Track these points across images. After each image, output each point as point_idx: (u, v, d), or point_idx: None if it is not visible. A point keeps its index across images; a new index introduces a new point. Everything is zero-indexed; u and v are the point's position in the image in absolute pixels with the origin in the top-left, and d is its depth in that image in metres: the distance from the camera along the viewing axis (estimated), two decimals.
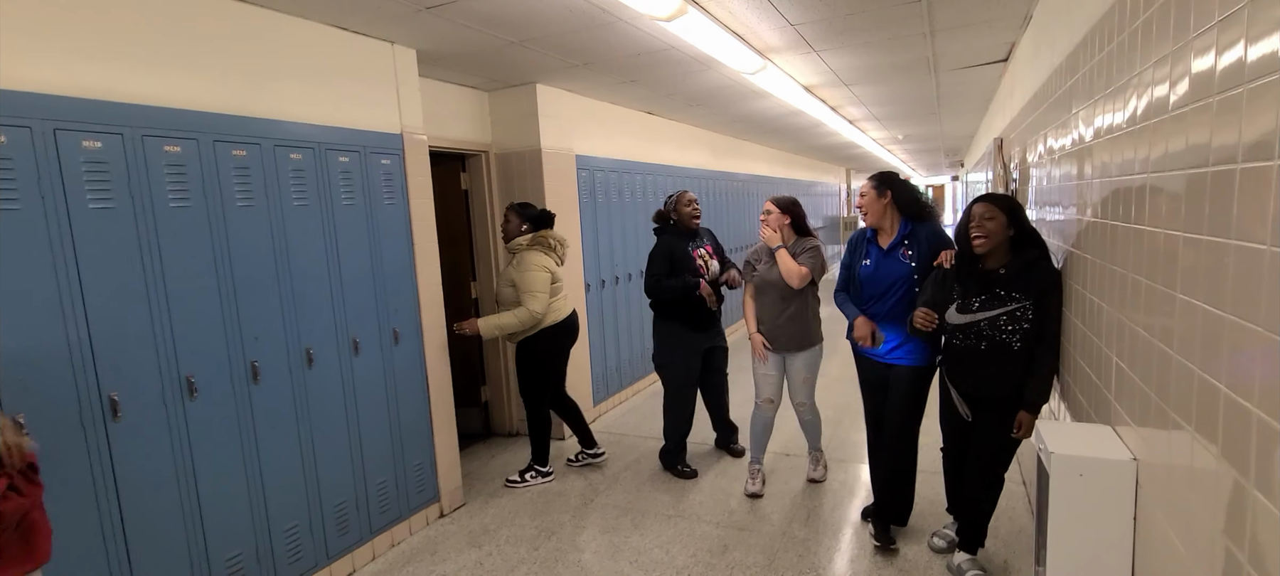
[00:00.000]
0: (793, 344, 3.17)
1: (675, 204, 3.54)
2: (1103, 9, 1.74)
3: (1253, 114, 0.92)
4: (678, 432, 3.64)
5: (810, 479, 3.46)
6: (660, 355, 3.64)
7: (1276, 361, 0.84)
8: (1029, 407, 2.14)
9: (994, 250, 2.16)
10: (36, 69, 1.85)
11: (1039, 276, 2.14)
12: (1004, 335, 2.16)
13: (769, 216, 3.17)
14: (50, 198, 1.87)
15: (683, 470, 3.64)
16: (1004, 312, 2.16)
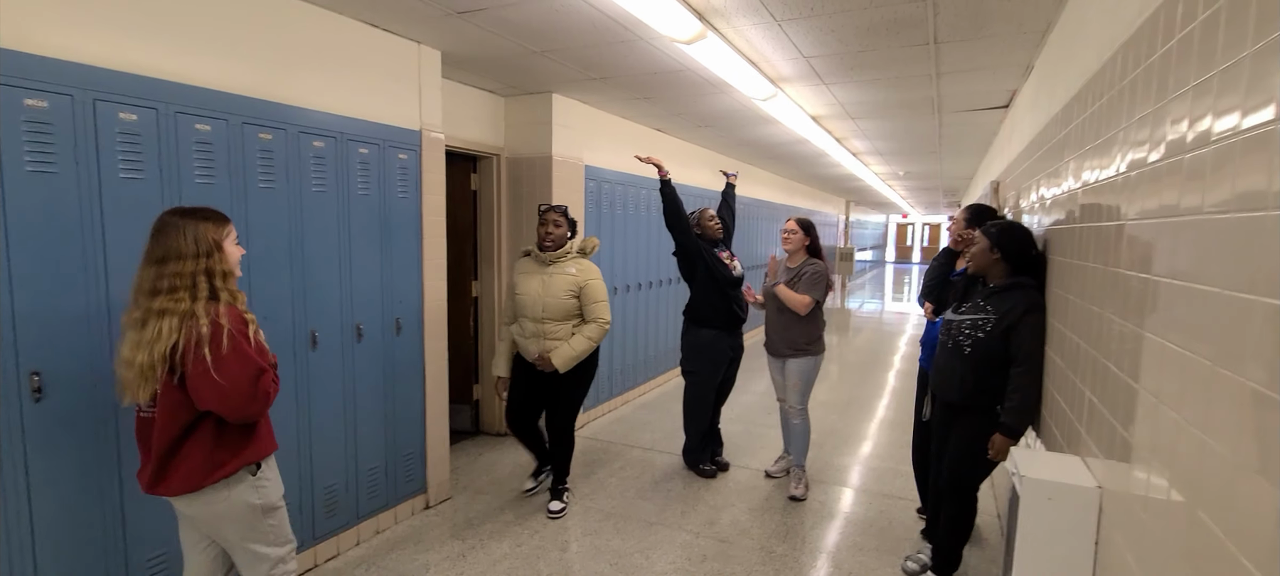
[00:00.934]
0: (789, 350, 3.48)
1: (699, 219, 3.72)
2: (1096, 65, 1.85)
3: (1217, 177, 1.02)
4: (699, 431, 3.84)
5: (791, 496, 3.54)
6: (690, 362, 3.78)
7: (1232, 397, 0.93)
8: (1003, 430, 2.20)
9: (989, 268, 2.31)
10: (82, 40, 1.94)
11: (1016, 296, 2.24)
12: (963, 336, 2.32)
13: (793, 235, 3.49)
14: (84, 164, 1.94)
15: (704, 469, 3.84)
16: (970, 318, 2.32)
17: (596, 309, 3.08)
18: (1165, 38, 1.28)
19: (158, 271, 1.62)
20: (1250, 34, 0.93)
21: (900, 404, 5.54)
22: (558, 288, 3.05)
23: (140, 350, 1.57)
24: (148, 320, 1.58)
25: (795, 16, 2.63)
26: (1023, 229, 2.33)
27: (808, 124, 4.85)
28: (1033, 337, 2.18)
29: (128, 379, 1.60)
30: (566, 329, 3.07)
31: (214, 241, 1.67)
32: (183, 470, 1.64)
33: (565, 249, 3.11)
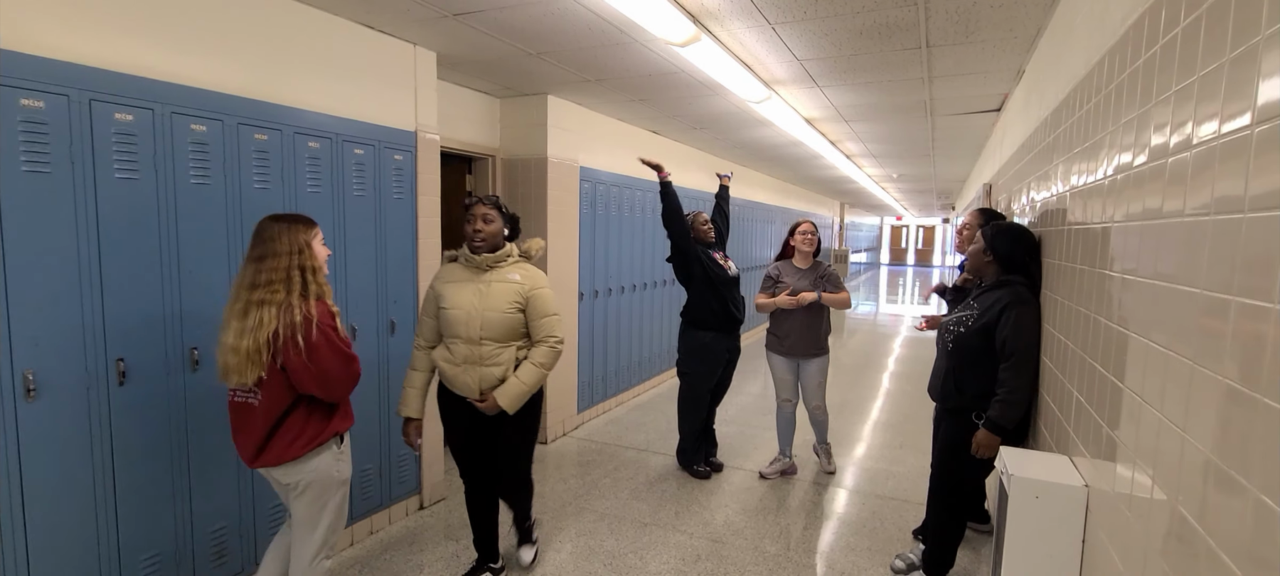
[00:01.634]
0: (807, 351, 3.65)
1: (692, 222, 3.75)
2: (1083, 70, 1.88)
3: (1197, 181, 1.04)
4: (693, 432, 3.85)
5: (826, 471, 3.89)
6: (686, 363, 3.80)
7: (1209, 393, 0.96)
8: (987, 424, 2.19)
9: (983, 269, 2.35)
10: (79, 41, 1.94)
11: (999, 293, 2.25)
12: (948, 333, 2.38)
13: (810, 235, 3.72)
14: (79, 164, 1.95)
15: (698, 470, 3.85)
16: (956, 315, 2.38)
17: (547, 324, 2.41)
18: (1149, 43, 1.31)
19: (257, 267, 1.84)
20: (1228, 41, 0.95)
21: (894, 405, 5.57)
22: (498, 299, 2.37)
23: (245, 337, 1.79)
24: (249, 310, 1.81)
25: (788, 20, 2.66)
26: (1018, 230, 2.35)
27: (802, 126, 4.88)
28: (1016, 333, 2.15)
29: (234, 363, 1.81)
30: (510, 353, 2.38)
31: (304, 241, 1.91)
32: (281, 443, 1.89)
33: (504, 251, 2.46)
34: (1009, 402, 2.15)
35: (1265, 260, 0.81)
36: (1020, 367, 2.16)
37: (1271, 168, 0.81)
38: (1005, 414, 2.16)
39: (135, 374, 2.11)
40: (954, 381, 2.34)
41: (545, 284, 2.47)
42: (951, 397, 2.36)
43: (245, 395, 1.88)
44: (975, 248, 2.38)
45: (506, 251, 2.48)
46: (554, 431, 4.47)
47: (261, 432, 1.87)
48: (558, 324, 2.45)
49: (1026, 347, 2.16)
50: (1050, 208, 2.27)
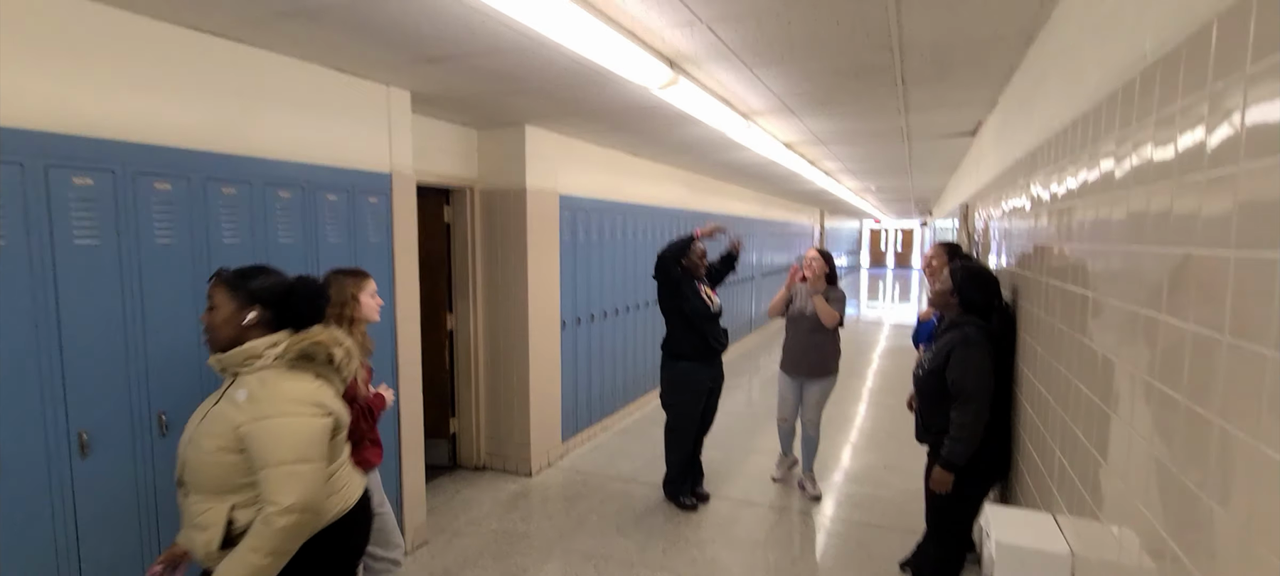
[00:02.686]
0: (813, 372, 3.84)
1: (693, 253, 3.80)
2: (1059, 125, 1.90)
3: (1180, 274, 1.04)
4: (679, 464, 3.85)
5: (812, 496, 3.94)
6: (669, 395, 3.81)
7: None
8: (941, 461, 2.28)
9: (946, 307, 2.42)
10: (33, 107, 1.86)
11: (952, 334, 2.33)
12: (918, 375, 2.46)
13: (814, 262, 3.82)
14: (36, 233, 1.87)
15: (685, 503, 3.83)
16: (925, 357, 2.46)
17: (270, 482, 1.49)
18: (1124, 117, 1.32)
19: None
20: (1207, 116, 0.95)
21: (877, 420, 5.60)
22: (208, 429, 1.55)
23: None
24: None
25: (766, 63, 2.66)
26: (985, 276, 2.42)
27: (780, 149, 4.90)
28: (964, 373, 2.21)
29: None
30: (219, 513, 1.52)
31: (351, 294, 2.15)
32: None
33: (243, 351, 1.58)
34: (958, 440, 2.23)
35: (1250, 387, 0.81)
36: (964, 406, 2.22)
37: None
38: (955, 452, 2.23)
39: (99, 444, 2.03)
40: (922, 421, 2.44)
41: (288, 411, 1.53)
42: (922, 436, 2.46)
43: None
44: (943, 287, 2.43)
45: (247, 352, 1.57)
46: (538, 463, 4.42)
47: None
48: (289, 482, 1.48)
49: (974, 388, 2.22)
50: (1028, 256, 2.29)
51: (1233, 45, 0.88)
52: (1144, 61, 1.21)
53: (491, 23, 2.16)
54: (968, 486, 2.32)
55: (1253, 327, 0.80)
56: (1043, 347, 1.95)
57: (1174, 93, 1.07)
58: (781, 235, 11.81)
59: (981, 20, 2.16)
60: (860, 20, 2.16)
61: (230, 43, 2.37)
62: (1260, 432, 0.77)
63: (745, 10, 2.08)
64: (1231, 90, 0.88)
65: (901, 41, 2.39)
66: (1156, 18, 1.18)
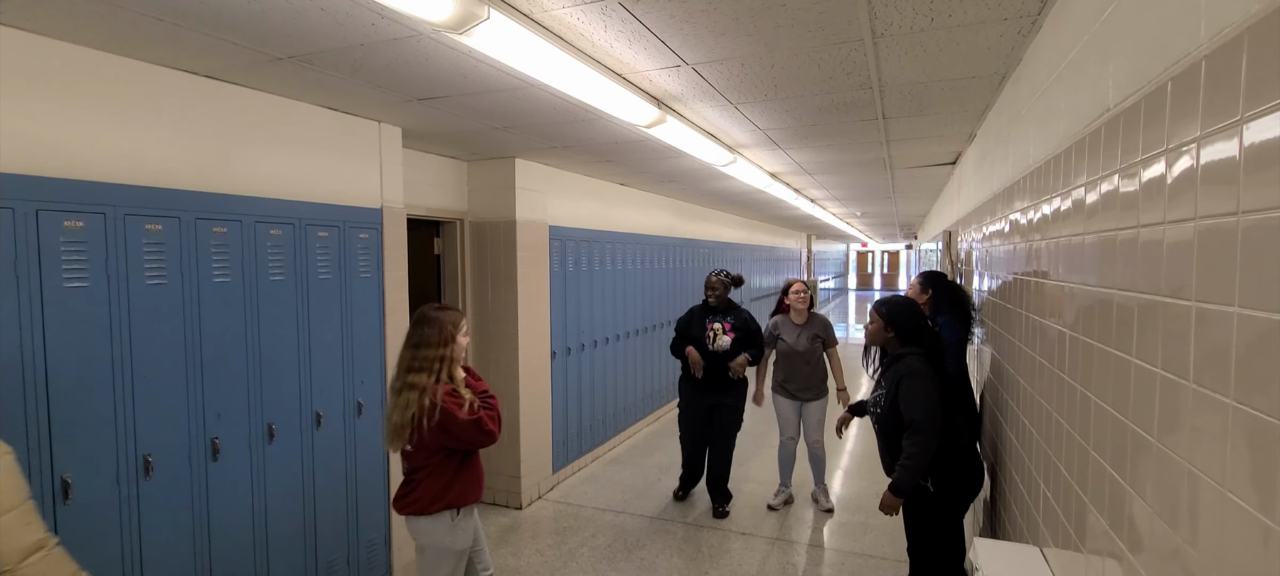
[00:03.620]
0: (810, 393, 4.06)
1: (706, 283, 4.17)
2: (1033, 164, 1.97)
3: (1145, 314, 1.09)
4: (684, 461, 4.35)
5: (824, 509, 4.15)
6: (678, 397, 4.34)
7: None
8: (892, 486, 2.38)
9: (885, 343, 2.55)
10: (25, 149, 1.87)
11: (896, 367, 2.42)
12: (871, 414, 2.57)
13: (803, 293, 4.09)
14: (26, 277, 1.87)
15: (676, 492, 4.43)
16: (874, 395, 2.56)
17: None
18: (1091, 161, 1.38)
19: (413, 353, 2.17)
20: (1167, 145, 1.00)
21: (867, 442, 5.62)
22: None
23: (396, 412, 2.14)
24: (403, 390, 2.15)
25: (750, 101, 2.73)
26: (908, 305, 2.56)
27: (766, 179, 4.98)
28: (909, 403, 2.32)
29: (388, 433, 2.17)
30: None
31: (451, 334, 2.21)
32: (406, 500, 2.23)
33: None
34: (907, 468, 2.32)
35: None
36: (914, 436, 2.31)
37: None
38: (903, 480, 2.34)
39: (81, 488, 2.00)
40: (888, 457, 2.49)
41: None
42: (890, 471, 2.50)
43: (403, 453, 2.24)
44: (874, 326, 2.55)
45: None
46: (528, 496, 4.38)
47: (408, 485, 2.24)
48: None
49: (922, 417, 2.31)
50: (1008, 286, 2.34)
51: (1187, 106, 0.93)
52: (1108, 113, 1.27)
53: (483, 67, 2.21)
54: (942, 512, 2.38)
55: (1211, 375, 0.84)
56: (1025, 380, 1.99)
57: (1135, 144, 1.12)
58: (769, 260, 11.91)
59: (956, 61, 2.24)
60: (840, 62, 2.24)
61: (221, 84, 2.40)
62: (1225, 478, 0.81)
63: (729, 54, 2.14)
64: (1186, 149, 0.93)
65: (880, 80, 2.46)
66: (1116, 74, 1.24)
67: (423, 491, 2.20)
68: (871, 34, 1.98)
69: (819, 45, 2.07)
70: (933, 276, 3.24)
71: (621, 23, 1.88)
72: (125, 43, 1.99)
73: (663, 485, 4.71)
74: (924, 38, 2.00)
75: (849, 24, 1.89)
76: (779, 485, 4.30)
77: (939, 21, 1.88)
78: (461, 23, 1.67)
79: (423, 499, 2.20)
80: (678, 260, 7.00)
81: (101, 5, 1.69)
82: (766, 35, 1.97)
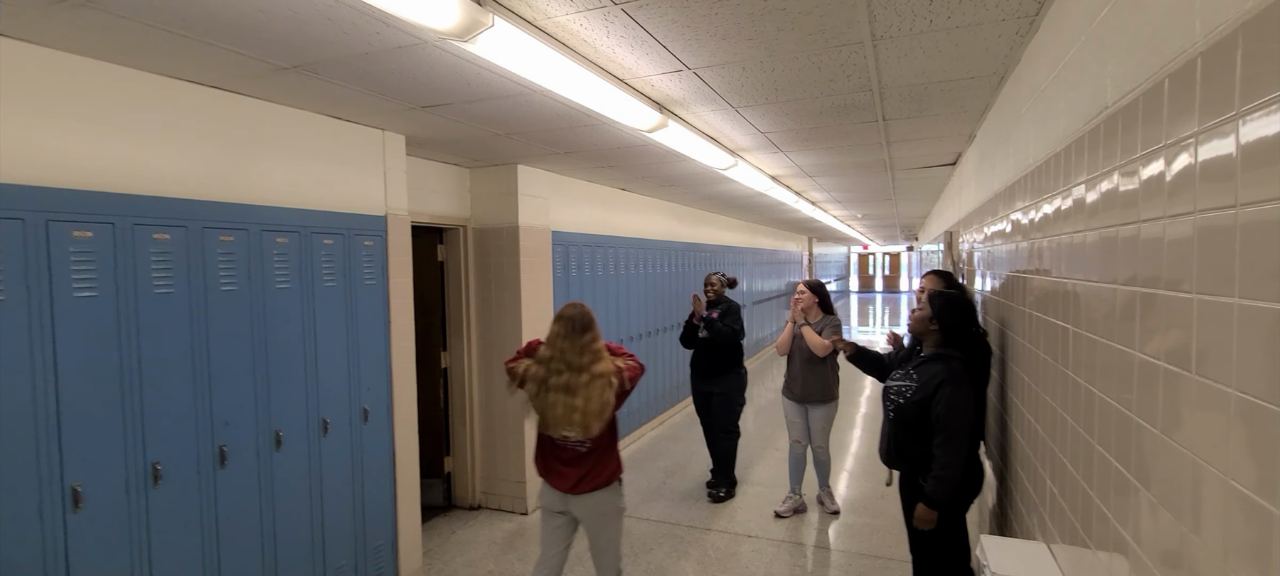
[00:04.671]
0: (814, 397, 3.99)
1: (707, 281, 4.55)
2: (1033, 163, 1.98)
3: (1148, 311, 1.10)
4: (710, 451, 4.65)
5: (830, 511, 4.16)
6: None
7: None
8: (925, 500, 2.29)
9: (926, 335, 2.44)
10: (34, 160, 1.90)
11: (936, 367, 2.33)
12: (889, 401, 2.48)
13: (802, 296, 4.01)
14: (36, 287, 1.88)
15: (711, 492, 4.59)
16: (898, 383, 2.46)
17: None
18: (1090, 158, 1.39)
19: (582, 344, 2.39)
20: (1165, 142, 1.02)
21: (871, 444, 5.61)
22: None
23: (593, 398, 2.35)
24: (593, 380, 2.37)
25: (751, 104, 2.75)
26: (963, 303, 2.46)
27: (767, 182, 5.00)
28: (948, 410, 2.24)
29: (581, 420, 2.35)
30: None
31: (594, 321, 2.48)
32: (593, 478, 2.46)
33: None
34: (941, 479, 2.25)
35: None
36: (951, 445, 2.24)
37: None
38: (938, 490, 2.26)
39: (92, 497, 2.01)
40: (897, 447, 2.45)
41: None
42: (896, 462, 2.49)
43: (574, 444, 2.43)
44: (922, 313, 2.46)
45: None
46: (534, 501, 4.38)
47: (585, 469, 2.45)
48: None
49: (959, 427, 2.25)
50: (1012, 284, 2.35)
51: (1184, 103, 0.95)
52: (1106, 111, 1.29)
53: (487, 74, 2.24)
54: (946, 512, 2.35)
55: (1213, 365, 0.85)
56: (1030, 377, 2.00)
57: (1134, 142, 1.14)
58: (770, 263, 11.93)
59: (955, 63, 2.25)
60: (840, 65, 2.26)
61: (227, 94, 2.43)
62: (1228, 466, 0.82)
63: (730, 58, 2.16)
64: (1184, 144, 0.94)
65: (880, 83, 2.48)
66: (1114, 73, 1.26)
67: (605, 467, 2.48)
68: (871, 37, 2.00)
69: (819, 48, 2.09)
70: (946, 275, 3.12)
71: (624, 28, 1.90)
72: (133, 55, 2.01)
73: (670, 487, 4.71)
74: (923, 39, 2.02)
75: (849, 27, 1.91)
76: (788, 492, 4.24)
77: (938, 23, 1.89)
78: (466, 31, 1.69)
79: (606, 472, 2.48)
80: (680, 264, 7.02)
81: (110, 18, 1.72)
82: (767, 39, 1.99)
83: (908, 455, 2.41)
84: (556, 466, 2.49)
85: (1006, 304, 2.44)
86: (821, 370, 3.98)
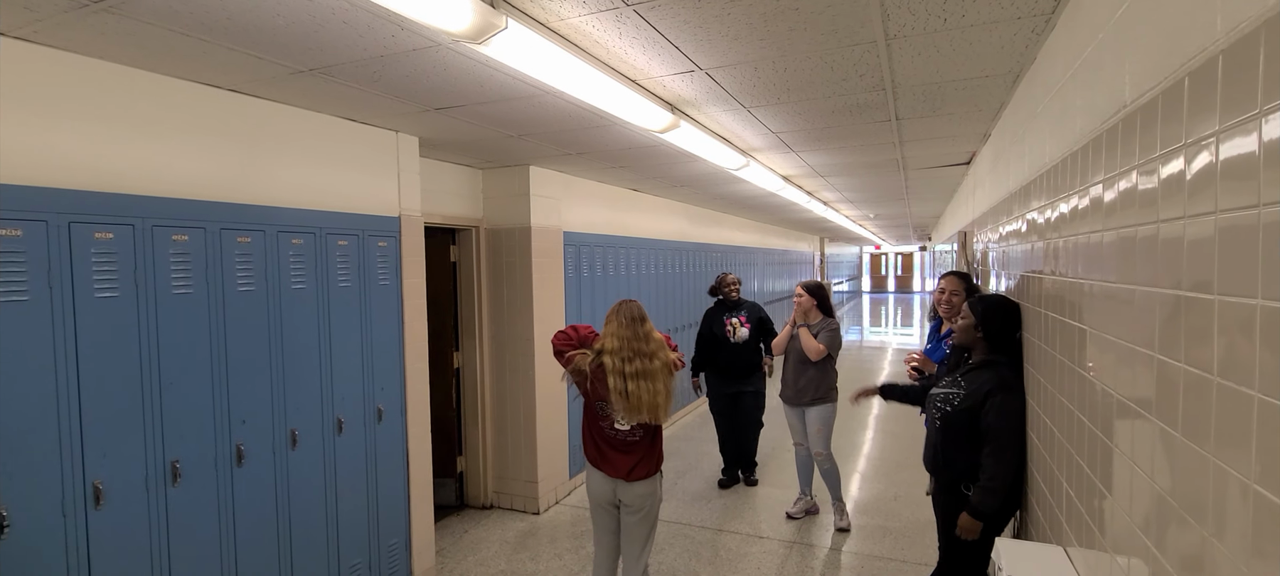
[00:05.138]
0: (807, 399, 3.92)
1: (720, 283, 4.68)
2: (1050, 161, 1.96)
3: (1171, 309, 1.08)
4: (722, 450, 4.80)
5: (838, 528, 3.94)
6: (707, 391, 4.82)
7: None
8: (970, 510, 2.23)
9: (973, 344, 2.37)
10: (57, 163, 1.93)
11: (985, 375, 2.28)
12: (935, 409, 2.40)
13: (801, 299, 3.96)
14: (58, 288, 1.92)
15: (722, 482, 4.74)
16: (945, 392, 2.38)
17: None
18: (1108, 157, 1.37)
19: (642, 334, 2.53)
20: (1186, 140, 1.00)
21: (884, 449, 5.58)
22: None
23: (662, 385, 2.51)
24: (657, 373, 2.50)
25: (763, 104, 2.74)
26: (1009, 308, 2.39)
27: (779, 182, 4.98)
28: (999, 418, 2.19)
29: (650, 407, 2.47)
30: None
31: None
32: (643, 466, 2.57)
33: None
34: (989, 489, 2.19)
35: None
36: (1000, 455, 2.19)
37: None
38: (985, 501, 2.20)
39: (112, 494, 2.05)
40: (942, 456, 2.38)
41: None
42: (941, 471, 2.41)
43: (628, 433, 2.54)
44: (966, 322, 2.39)
45: None
46: (546, 501, 4.40)
47: (639, 456, 2.56)
48: None
49: (1009, 436, 2.20)
50: (1026, 284, 2.33)
51: (1205, 101, 0.93)
52: (1125, 109, 1.27)
53: (500, 75, 2.25)
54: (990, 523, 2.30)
55: (1235, 368, 0.84)
56: (1046, 378, 1.98)
57: (1153, 140, 1.12)
58: (781, 263, 11.88)
59: (969, 61, 2.24)
60: (853, 64, 2.25)
61: (244, 97, 2.46)
62: (1251, 470, 0.81)
63: (742, 58, 2.16)
64: (1205, 143, 0.93)
65: (893, 82, 2.47)
66: (1133, 71, 1.24)
67: (654, 454, 2.61)
68: (885, 36, 1.98)
69: (832, 48, 2.08)
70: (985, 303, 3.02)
71: (636, 29, 1.90)
72: (154, 59, 2.04)
73: (681, 487, 4.71)
74: (937, 38, 2.01)
75: (862, 26, 1.90)
76: (799, 493, 4.21)
77: (952, 21, 1.88)
78: (480, 33, 1.70)
79: (656, 460, 2.61)
80: (691, 264, 7.01)
81: (133, 23, 1.75)
82: (780, 39, 1.99)
83: (954, 465, 2.33)
84: (610, 454, 2.58)
85: (1022, 305, 2.42)
86: (815, 372, 3.88)
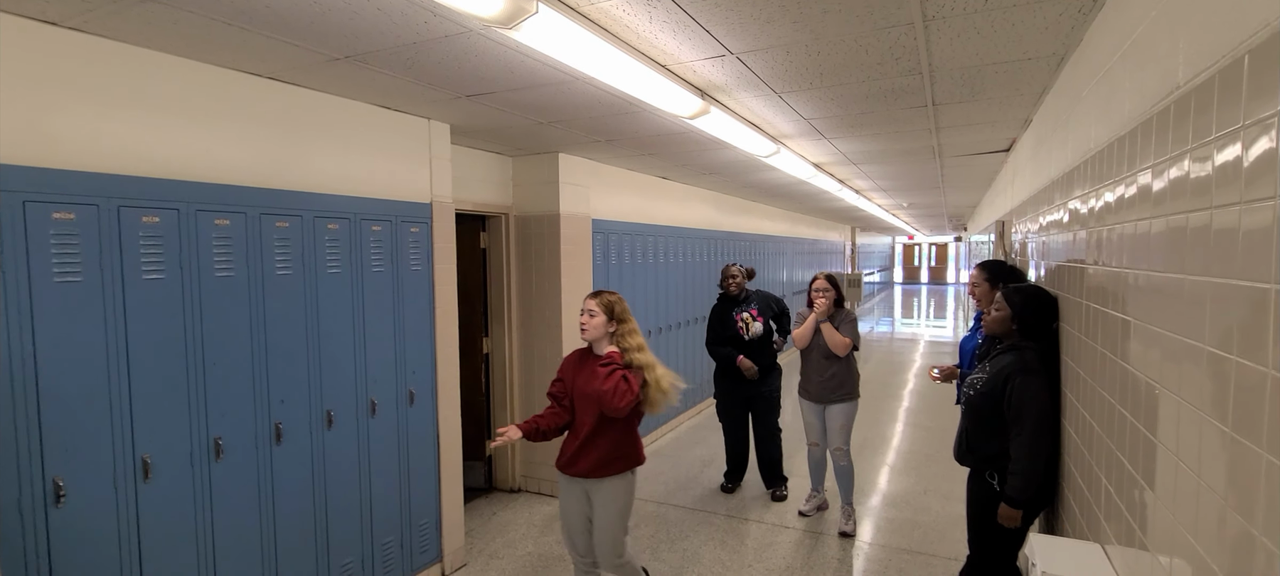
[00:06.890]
0: (830, 397, 3.77)
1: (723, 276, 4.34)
2: (1095, 147, 1.89)
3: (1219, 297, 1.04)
4: (728, 455, 4.50)
5: (842, 532, 3.75)
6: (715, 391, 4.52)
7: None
8: (1006, 499, 2.19)
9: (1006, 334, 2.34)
10: (106, 150, 2.01)
11: (1009, 358, 2.24)
12: (965, 394, 2.41)
13: (828, 293, 3.79)
14: (108, 270, 2.00)
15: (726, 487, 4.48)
16: (975, 376, 2.39)
17: None
18: (1159, 141, 1.32)
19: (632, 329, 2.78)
20: (1243, 122, 0.96)
21: (914, 443, 5.49)
22: None
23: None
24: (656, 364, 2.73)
25: (795, 90, 2.69)
26: (1043, 298, 2.34)
27: (810, 170, 4.91)
28: (1022, 400, 2.14)
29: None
30: None
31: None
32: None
33: None
34: (1020, 474, 2.15)
35: None
36: (1026, 440, 2.14)
37: None
38: (1017, 486, 2.16)
39: (160, 469, 2.14)
40: (968, 443, 2.37)
41: None
42: (965, 457, 2.40)
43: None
44: (1002, 314, 2.34)
45: None
46: None
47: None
48: None
49: (1034, 419, 2.14)
50: (1066, 274, 2.26)
51: (1266, 81, 0.89)
52: (1178, 91, 1.22)
53: (530, 61, 2.25)
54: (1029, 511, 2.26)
55: None
56: (1085, 371, 1.92)
57: (1207, 123, 1.07)
58: (811, 253, 11.74)
59: (1011, 43, 2.16)
60: (888, 47, 2.19)
61: (282, 85, 2.51)
62: None
63: (775, 42, 2.13)
64: (1266, 125, 0.88)
65: (931, 65, 2.40)
66: (1187, 50, 1.18)
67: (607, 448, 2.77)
68: (922, 17, 1.93)
69: (867, 30, 2.03)
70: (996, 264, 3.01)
71: (666, 13, 1.88)
72: (196, 47, 2.10)
73: (705, 477, 4.72)
74: (978, 19, 1.95)
75: (899, 7, 1.85)
76: (810, 490, 4.10)
77: (994, 1, 1.82)
78: (511, 18, 1.71)
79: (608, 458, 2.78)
80: (719, 253, 6.97)
81: (177, 13, 1.80)
82: (813, 21, 1.95)
83: (978, 451, 2.31)
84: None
85: (1061, 296, 2.35)
86: (839, 368, 3.75)
